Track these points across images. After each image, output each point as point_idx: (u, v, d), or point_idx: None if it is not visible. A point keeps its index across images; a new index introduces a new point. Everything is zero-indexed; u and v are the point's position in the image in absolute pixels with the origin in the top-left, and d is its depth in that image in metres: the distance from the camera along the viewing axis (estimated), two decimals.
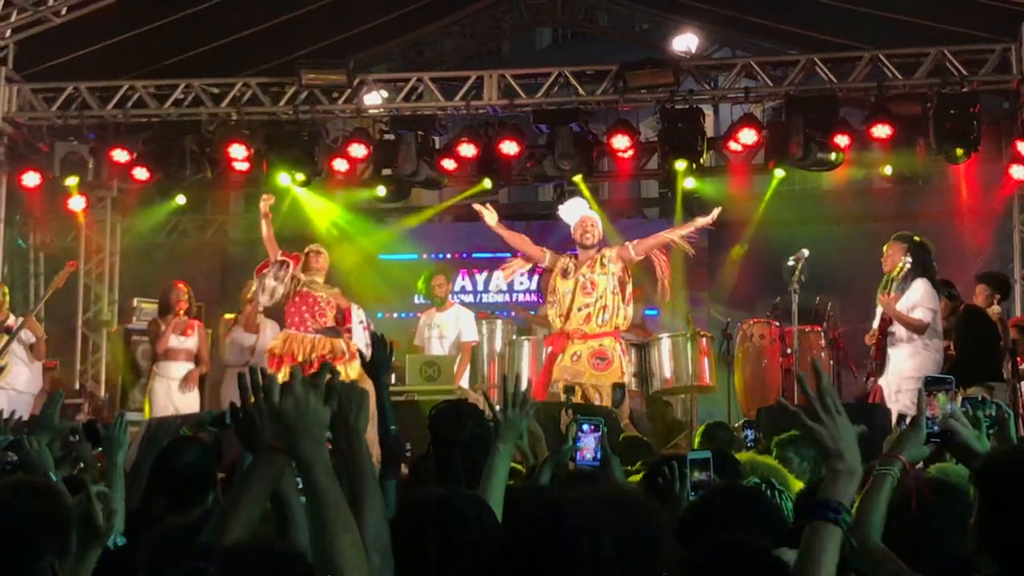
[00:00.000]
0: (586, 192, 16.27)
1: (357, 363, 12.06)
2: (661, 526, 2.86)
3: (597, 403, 11.28)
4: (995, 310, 12.00)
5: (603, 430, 5.38)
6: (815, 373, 3.33)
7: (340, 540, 2.89)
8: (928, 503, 3.78)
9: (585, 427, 5.36)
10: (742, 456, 5.64)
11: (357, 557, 2.90)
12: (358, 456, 3.08)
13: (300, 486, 3.07)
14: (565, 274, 12.01)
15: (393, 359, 5.49)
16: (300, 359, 11.93)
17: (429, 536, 3.38)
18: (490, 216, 12.55)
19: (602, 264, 11.93)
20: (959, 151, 14.72)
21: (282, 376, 3.65)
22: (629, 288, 12.04)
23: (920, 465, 4.19)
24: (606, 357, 11.74)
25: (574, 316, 11.86)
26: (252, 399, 3.19)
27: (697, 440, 8.82)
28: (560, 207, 12.73)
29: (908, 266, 10.81)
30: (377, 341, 5.21)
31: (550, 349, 12.11)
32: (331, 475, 2.96)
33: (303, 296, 12.46)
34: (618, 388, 11.50)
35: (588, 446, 5.31)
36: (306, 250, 12.86)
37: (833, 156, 15.13)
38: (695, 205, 16.10)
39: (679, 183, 15.96)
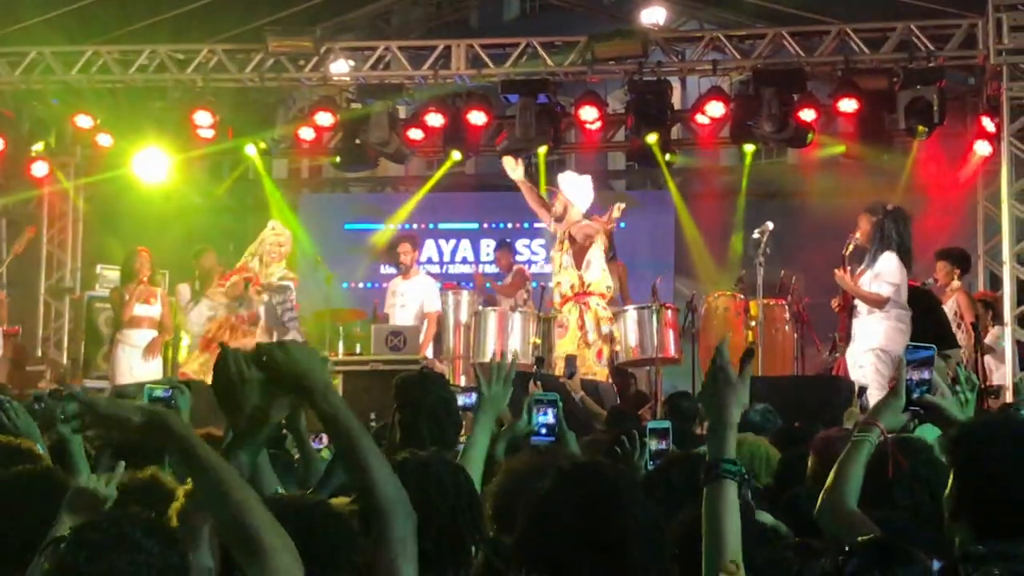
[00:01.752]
0: (542, 166, 16.44)
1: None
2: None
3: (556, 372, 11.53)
4: (955, 285, 12.07)
5: (559, 405, 5.39)
6: (717, 351, 3.46)
7: (379, 470, 2.88)
8: (903, 471, 3.81)
9: (541, 403, 5.37)
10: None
11: (398, 488, 2.89)
12: (341, 412, 3.01)
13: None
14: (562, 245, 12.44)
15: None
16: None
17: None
18: (516, 170, 12.78)
19: (571, 237, 12.20)
20: (920, 127, 14.79)
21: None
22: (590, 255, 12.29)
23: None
24: (563, 324, 11.96)
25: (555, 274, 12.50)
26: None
27: (660, 410, 8.86)
28: (560, 177, 12.89)
29: (854, 243, 10.94)
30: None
31: None
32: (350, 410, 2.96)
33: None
34: (570, 360, 11.58)
35: (544, 422, 5.32)
36: (267, 240, 12.74)
37: (802, 133, 15.20)
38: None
39: (659, 156, 15.98)
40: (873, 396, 9.25)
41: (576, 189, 12.96)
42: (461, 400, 5.89)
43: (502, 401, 4.93)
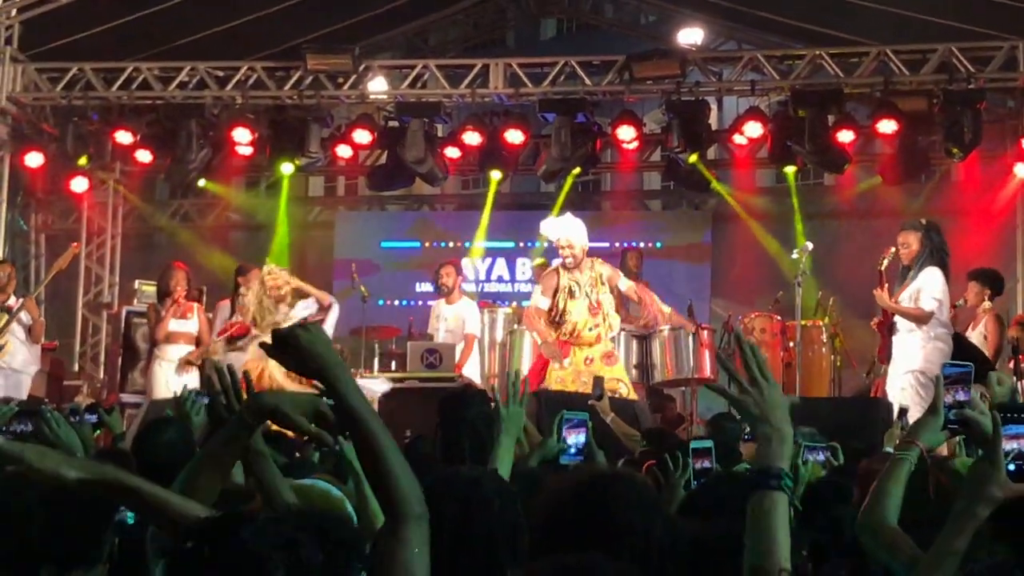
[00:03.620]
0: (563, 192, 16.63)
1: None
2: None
3: (624, 395, 11.45)
4: (986, 306, 11.94)
5: (589, 425, 5.40)
6: (737, 342, 3.25)
7: (396, 463, 2.84)
8: (945, 489, 3.78)
9: (570, 422, 5.37)
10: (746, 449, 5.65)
11: (414, 485, 2.85)
12: (356, 399, 2.97)
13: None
14: (573, 294, 11.99)
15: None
16: None
17: (449, 512, 3.36)
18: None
19: (602, 283, 11.98)
20: (955, 150, 14.73)
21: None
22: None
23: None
24: (612, 355, 11.88)
25: (585, 334, 11.86)
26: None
27: (700, 430, 8.81)
28: (542, 224, 12.59)
29: (888, 259, 10.83)
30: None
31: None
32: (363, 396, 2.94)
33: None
34: (597, 382, 11.53)
35: (574, 442, 5.32)
36: (263, 290, 12.48)
37: (840, 157, 15.18)
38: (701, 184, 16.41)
39: (705, 172, 16.06)
40: (914, 418, 9.14)
41: (551, 231, 12.59)
42: None
43: (521, 419, 4.94)
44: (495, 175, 16.81)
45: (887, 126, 14.92)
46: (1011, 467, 3.53)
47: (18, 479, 3.35)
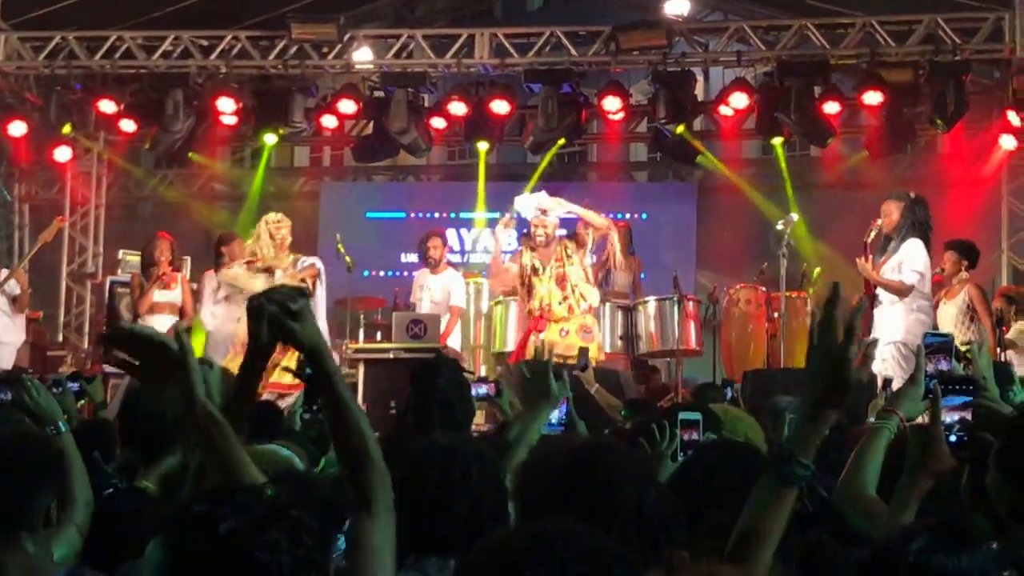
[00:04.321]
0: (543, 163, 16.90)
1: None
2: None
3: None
4: (963, 276, 11.96)
5: (569, 396, 5.40)
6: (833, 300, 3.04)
7: (369, 437, 2.84)
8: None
9: None
10: (717, 407, 5.64)
11: (381, 458, 2.86)
12: (337, 375, 2.96)
13: None
14: (536, 272, 12.02)
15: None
16: None
17: (428, 482, 3.36)
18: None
19: (568, 255, 11.97)
20: (939, 121, 14.74)
21: None
22: (589, 268, 12.25)
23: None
24: (590, 331, 11.89)
25: (556, 308, 11.93)
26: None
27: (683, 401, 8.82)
28: (516, 199, 12.59)
29: (876, 230, 10.83)
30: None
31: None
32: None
33: None
34: (583, 352, 11.55)
35: (552, 412, 5.32)
36: (268, 225, 12.49)
37: (824, 129, 15.19)
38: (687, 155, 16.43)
39: (694, 142, 16.11)
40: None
41: (524, 208, 12.61)
42: (475, 390, 5.90)
43: (554, 387, 4.94)
44: (482, 146, 16.80)
45: (873, 97, 14.92)
46: (952, 439, 3.54)
47: None
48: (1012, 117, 14.92)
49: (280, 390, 11.14)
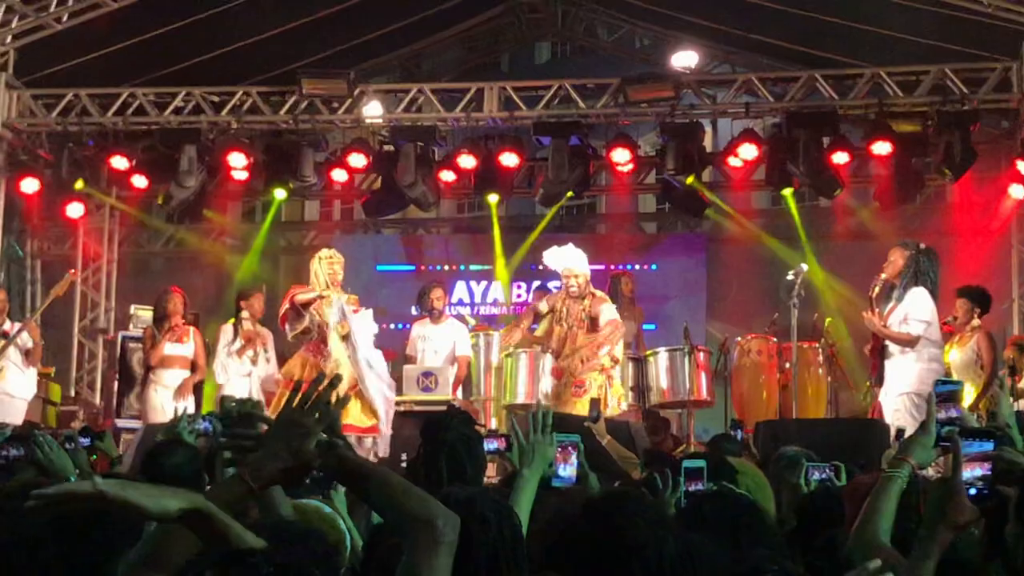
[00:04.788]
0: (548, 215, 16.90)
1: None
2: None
3: None
4: (975, 324, 11.98)
5: (580, 447, 5.37)
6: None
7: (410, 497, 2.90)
8: None
9: (561, 445, 5.34)
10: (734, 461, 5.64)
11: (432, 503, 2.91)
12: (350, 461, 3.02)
13: None
14: (559, 320, 12.40)
15: None
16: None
17: None
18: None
19: (581, 320, 12.35)
20: (946, 171, 14.78)
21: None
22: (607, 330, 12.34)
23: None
24: (583, 386, 12.07)
25: (564, 360, 12.38)
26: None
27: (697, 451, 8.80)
28: (545, 254, 12.81)
29: (880, 284, 10.88)
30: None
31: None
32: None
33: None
34: (594, 404, 11.58)
35: (565, 464, 5.29)
36: (324, 261, 12.73)
37: (832, 181, 15.24)
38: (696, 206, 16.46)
39: (704, 191, 16.28)
40: None
41: (554, 262, 12.86)
42: (485, 445, 5.87)
43: (545, 452, 4.89)
44: (492, 198, 16.84)
45: (881, 148, 14.96)
46: (972, 491, 3.53)
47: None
48: (1021, 166, 14.93)
49: (356, 432, 11.36)
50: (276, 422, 2.93)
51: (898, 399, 10.64)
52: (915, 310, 10.66)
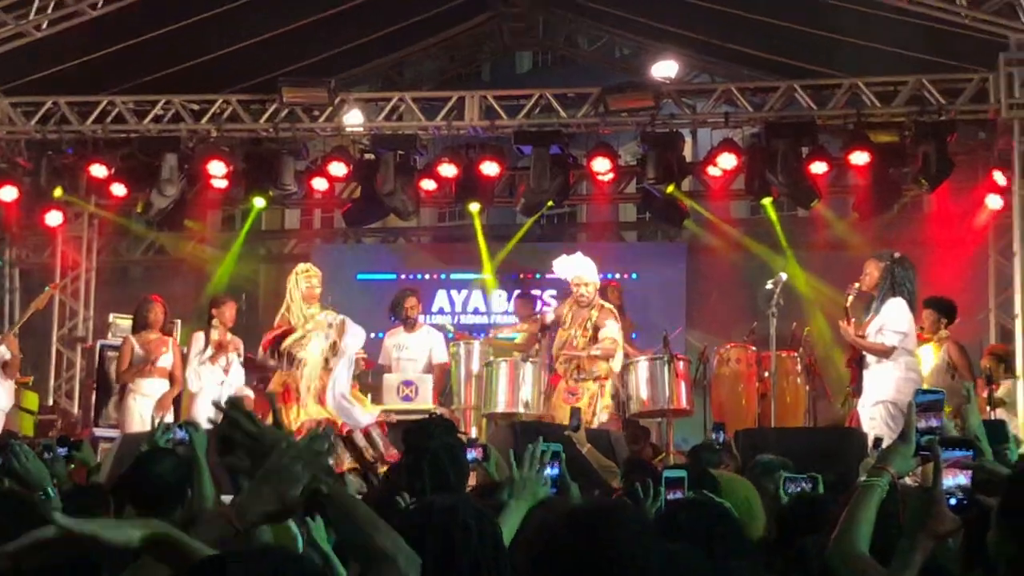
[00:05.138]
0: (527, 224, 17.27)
1: None
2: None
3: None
4: (943, 334, 12.06)
5: (562, 457, 5.39)
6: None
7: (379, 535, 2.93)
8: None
9: (544, 455, 5.35)
10: (720, 475, 5.67)
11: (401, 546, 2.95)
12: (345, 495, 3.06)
13: None
14: (563, 324, 12.75)
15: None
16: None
17: (430, 543, 3.38)
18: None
19: (585, 328, 12.53)
20: (924, 181, 14.86)
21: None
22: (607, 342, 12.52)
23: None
24: (576, 393, 12.29)
25: (560, 365, 12.64)
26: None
27: (673, 462, 8.84)
28: (555, 263, 12.91)
29: (855, 293, 10.95)
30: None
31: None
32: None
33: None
34: (575, 413, 11.64)
35: (547, 474, 5.30)
36: (301, 275, 12.64)
37: (810, 191, 15.32)
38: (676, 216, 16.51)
39: (685, 199, 16.32)
40: None
41: (564, 270, 13.02)
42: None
43: (537, 487, 4.87)
44: (473, 207, 16.85)
45: (859, 158, 15.03)
46: (952, 501, 3.56)
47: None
48: (998, 177, 15.03)
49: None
50: (267, 466, 2.93)
51: (874, 408, 10.69)
52: (891, 321, 10.71)
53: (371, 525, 2.98)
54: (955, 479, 3.58)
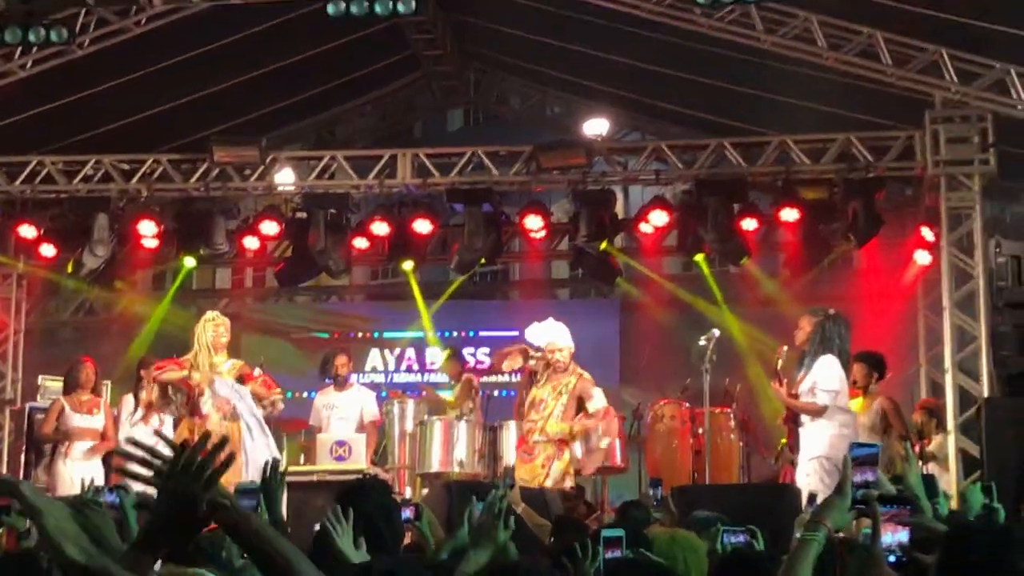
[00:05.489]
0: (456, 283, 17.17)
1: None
2: None
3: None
4: (874, 389, 12.17)
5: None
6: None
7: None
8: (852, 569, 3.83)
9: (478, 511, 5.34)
10: (661, 531, 5.66)
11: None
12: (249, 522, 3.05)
13: None
14: (535, 382, 12.54)
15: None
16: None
17: None
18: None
19: (559, 392, 12.37)
20: (852, 237, 15.01)
21: None
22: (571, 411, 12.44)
23: None
24: (532, 452, 12.17)
25: (525, 423, 12.45)
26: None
27: (607, 519, 8.82)
28: (527, 331, 12.82)
29: (783, 356, 11.04)
30: None
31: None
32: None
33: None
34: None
35: None
36: (208, 323, 12.64)
37: (741, 248, 15.43)
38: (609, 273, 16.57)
39: (618, 255, 16.47)
40: None
41: (538, 337, 12.93)
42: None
43: (497, 536, 4.86)
44: (407, 265, 16.81)
45: (789, 214, 15.15)
46: (891, 558, 3.58)
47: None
48: (926, 233, 15.19)
49: None
50: (161, 492, 2.91)
51: (809, 464, 10.74)
52: (822, 379, 10.78)
53: (271, 538, 2.98)
54: (895, 536, 3.60)
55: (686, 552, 5.52)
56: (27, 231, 16.08)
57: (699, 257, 16.30)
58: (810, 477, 10.61)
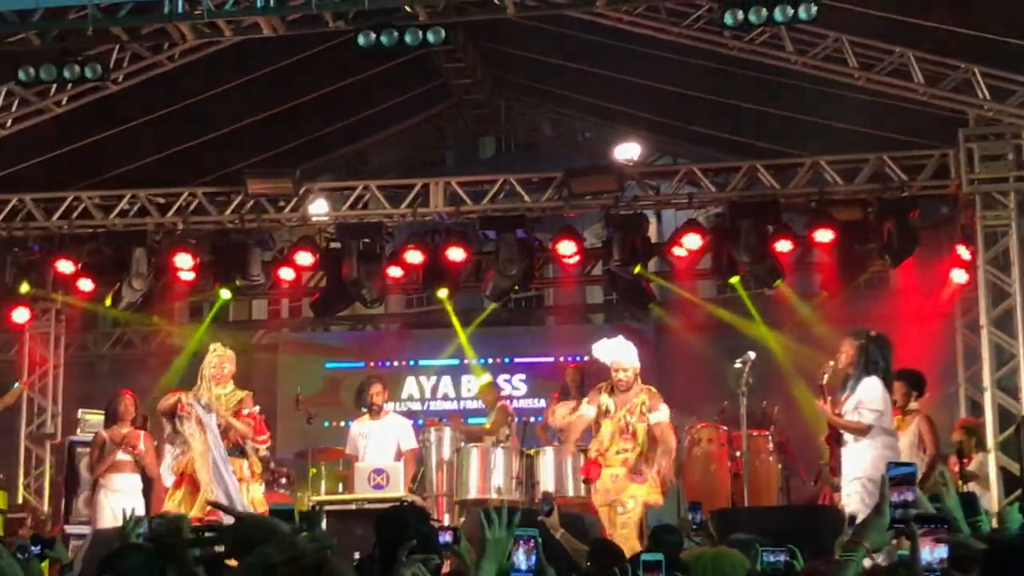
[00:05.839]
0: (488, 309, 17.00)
1: (260, 485, 12.14)
2: None
3: (621, 513, 11.63)
4: (913, 407, 12.08)
5: (538, 541, 5.37)
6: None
7: None
8: None
9: (520, 538, 5.34)
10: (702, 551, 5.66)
11: None
12: None
13: None
14: (607, 414, 12.11)
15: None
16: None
17: None
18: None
19: (642, 412, 12.03)
20: (887, 257, 14.96)
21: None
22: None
23: None
24: (642, 472, 11.84)
25: (611, 457, 11.95)
26: None
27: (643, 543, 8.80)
28: (595, 346, 12.72)
29: (830, 372, 10.96)
30: None
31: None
32: None
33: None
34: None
35: (522, 558, 5.28)
36: (213, 356, 12.65)
37: (775, 271, 15.40)
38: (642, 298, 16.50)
39: (652, 278, 16.42)
40: None
41: (604, 354, 12.77)
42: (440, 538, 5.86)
43: (507, 545, 4.87)
44: (442, 293, 16.85)
45: (824, 235, 15.12)
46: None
47: None
48: (962, 251, 15.13)
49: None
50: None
51: (851, 484, 10.67)
52: (867, 399, 10.70)
53: None
54: (935, 553, 3.59)
55: (732, 568, 5.52)
56: (65, 266, 16.19)
57: (735, 280, 16.26)
58: (850, 498, 10.54)
